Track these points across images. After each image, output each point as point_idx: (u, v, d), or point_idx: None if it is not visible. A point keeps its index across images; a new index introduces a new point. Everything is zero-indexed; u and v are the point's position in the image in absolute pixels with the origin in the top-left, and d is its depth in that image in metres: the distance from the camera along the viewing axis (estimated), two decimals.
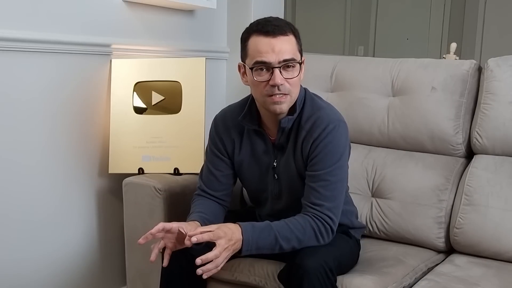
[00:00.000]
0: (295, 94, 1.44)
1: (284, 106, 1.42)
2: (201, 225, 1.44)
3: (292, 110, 1.47)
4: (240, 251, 1.34)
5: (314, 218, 1.40)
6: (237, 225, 1.35)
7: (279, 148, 1.52)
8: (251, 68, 1.40)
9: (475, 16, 5.32)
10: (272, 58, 1.37)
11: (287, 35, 1.39)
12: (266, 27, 1.38)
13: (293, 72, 1.40)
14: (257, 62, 1.38)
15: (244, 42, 1.43)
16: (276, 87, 1.38)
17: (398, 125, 1.92)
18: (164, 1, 2.06)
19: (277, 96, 1.40)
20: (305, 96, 1.51)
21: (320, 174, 1.43)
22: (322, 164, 1.43)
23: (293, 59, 1.39)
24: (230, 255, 1.34)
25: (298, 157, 1.49)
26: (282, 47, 1.37)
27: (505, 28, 5.11)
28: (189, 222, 1.44)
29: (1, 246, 1.69)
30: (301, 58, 1.44)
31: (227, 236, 1.31)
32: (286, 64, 1.38)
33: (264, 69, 1.39)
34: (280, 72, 1.38)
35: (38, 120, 1.74)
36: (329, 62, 2.12)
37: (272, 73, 1.37)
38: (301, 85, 1.51)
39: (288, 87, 1.40)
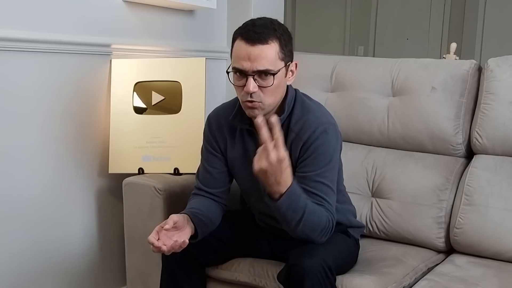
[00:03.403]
0: (268, 102, 1.41)
1: (256, 111, 1.41)
2: (191, 219, 1.44)
3: (280, 110, 1.48)
4: (276, 199, 1.30)
5: (326, 209, 1.41)
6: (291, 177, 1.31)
7: None
8: (229, 72, 1.43)
9: (475, 16, 5.31)
10: (247, 66, 1.36)
11: (267, 44, 1.36)
12: (248, 33, 1.37)
13: (268, 81, 1.38)
14: (234, 68, 1.40)
15: (232, 43, 1.44)
16: (249, 94, 1.38)
17: (398, 125, 1.93)
18: (164, 1, 2.06)
19: (250, 102, 1.40)
20: (296, 97, 1.51)
21: (310, 175, 1.43)
22: (312, 166, 1.43)
23: (267, 70, 1.37)
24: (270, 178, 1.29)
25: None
26: (259, 56, 1.36)
27: (505, 28, 5.10)
28: (177, 215, 1.42)
29: (1, 245, 1.69)
30: (286, 64, 1.41)
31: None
32: (263, 73, 1.38)
33: (241, 74, 1.39)
34: (255, 80, 1.37)
35: (38, 120, 1.74)
36: (329, 62, 2.12)
37: (247, 79, 1.38)
38: (291, 86, 1.51)
39: (261, 96, 1.39)
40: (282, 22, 1.47)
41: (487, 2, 5.25)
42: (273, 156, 1.25)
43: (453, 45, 3.05)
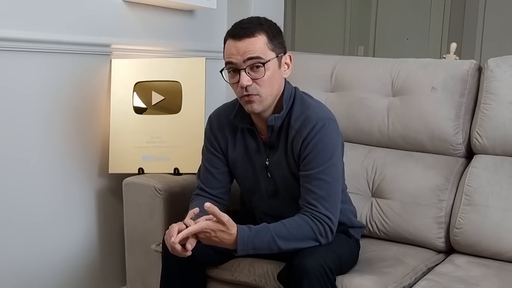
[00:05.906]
0: (266, 94, 1.43)
1: (255, 105, 1.43)
2: None
3: (278, 108, 1.48)
4: (235, 250, 1.34)
5: (313, 218, 1.40)
6: (234, 224, 1.35)
7: (271, 147, 1.53)
8: (221, 71, 1.45)
9: (475, 16, 5.31)
10: (237, 60, 1.39)
11: (254, 37, 1.39)
12: (235, 30, 1.42)
13: (259, 73, 1.40)
14: (226, 64, 1.43)
15: (224, 45, 1.46)
16: (244, 88, 1.40)
17: (398, 125, 1.92)
18: (164, 1, 2.07)
19: (247, 96, 1.42)
20: (295, 94, 1.52)
21: (313, 173, 1.43)
22: (314, 163, 1.43)
23: (258, 57, 1.39)
24: (209, 242, 1.35)
25: (289, 156, 1.49)
26: (247, 48, 1.39)
27: (505, 28, 5.10)
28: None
29: (1, 246, 1.69)
30: (277, 55, 1.43)
31: (219, 229, 1.33)
32: (255, 64, 1.39)
33: (234, 71, 1.42)
34: (248, 73, 1.39)
35: (38, 120, 1.74)
36: (329, 62, 2.12)
37: (240, 74, 1.40)
38: (290, 83, 1.52)
39: (257, 88, 1.41)
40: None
41: (487, 2, 5.25)
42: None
43: (453, 45, 3.06)
